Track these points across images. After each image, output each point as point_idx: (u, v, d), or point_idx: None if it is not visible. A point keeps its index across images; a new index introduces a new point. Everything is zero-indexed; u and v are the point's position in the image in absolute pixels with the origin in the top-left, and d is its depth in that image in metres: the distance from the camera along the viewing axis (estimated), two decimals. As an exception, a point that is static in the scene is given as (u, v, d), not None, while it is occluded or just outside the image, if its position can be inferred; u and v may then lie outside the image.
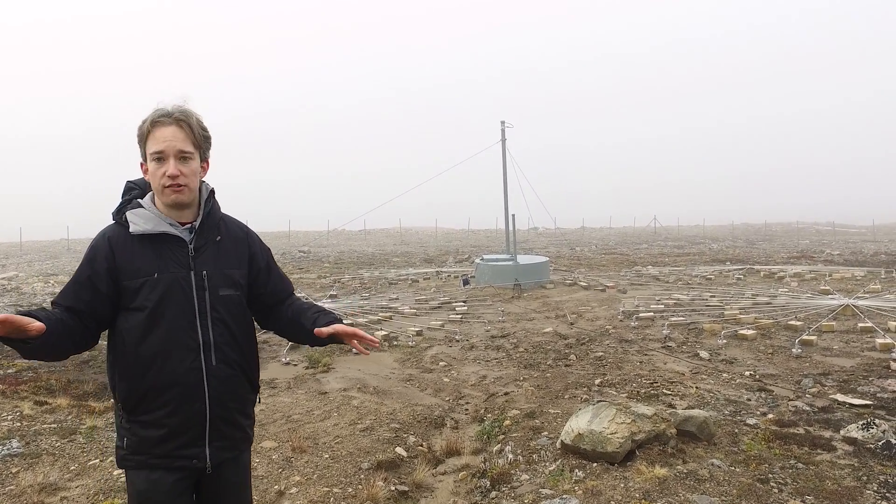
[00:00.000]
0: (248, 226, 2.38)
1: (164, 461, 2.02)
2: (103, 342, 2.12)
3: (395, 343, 8.93)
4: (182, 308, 2.02)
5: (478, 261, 16.18)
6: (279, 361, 7.92)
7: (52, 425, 5.43)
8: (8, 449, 4.74)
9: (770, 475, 3.93)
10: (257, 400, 2.32)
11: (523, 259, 15.90)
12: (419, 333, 9.49)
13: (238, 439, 2.19)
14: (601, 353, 7.78)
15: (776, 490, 3.74)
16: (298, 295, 2.48)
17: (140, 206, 2.06)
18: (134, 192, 2.12)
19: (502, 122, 17.90)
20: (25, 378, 7.08)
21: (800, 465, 4.09)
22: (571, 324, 10.00)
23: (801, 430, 4.82)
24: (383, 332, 9.35)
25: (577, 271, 18.18)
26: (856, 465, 4.12)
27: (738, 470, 4.04)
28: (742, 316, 9.67)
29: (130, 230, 2.02)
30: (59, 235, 42.65)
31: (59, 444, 5.00)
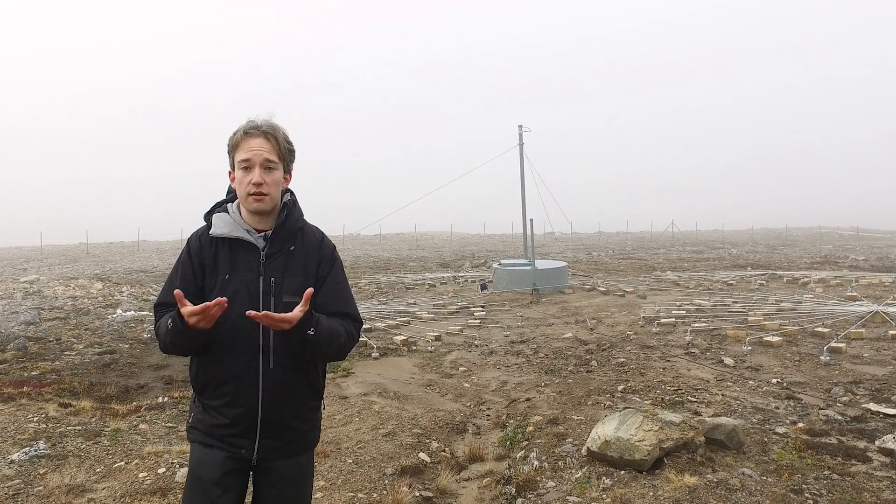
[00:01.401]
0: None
1: (216, 442, 2.16)
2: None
3: (415, 348, 8.90)
4: (246, 310, 2.06)
5: (496, 266, 16.12)
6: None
7: (77, 427, 5.47)
8: (35, 450, 4.77)
9: (804, 486, 3.84)
10: (321, 406, 2.33)
11: (542, 264, 15.80)
12: (438, 338, 9.45)
13: (292, 441, 2.21)
14: (623, 359, 7.69)
15: (811, 501, 3.64)
16: None
17: (226, 210, 2.22)
18: (230, 197, 2.28)
19: (520, 127, 17.86)
20: (49, 380, 7.15)
21: (834, 476, 3.98)
22: (591, 329, 9.90)
23: (834, 440, 4.71)
24: (402, 337, 9.33)
25: (595, 276, 18.05)
26: (894, 477, 4.01)
27: (770, 480, 3.95)
28: (766, 322, 9.51)
29: (210, 232, 2.18)
30: (78, 239, 43.38)
31: (84, 445, 5.03)
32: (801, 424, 5.12)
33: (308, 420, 2.26)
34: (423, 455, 4.87)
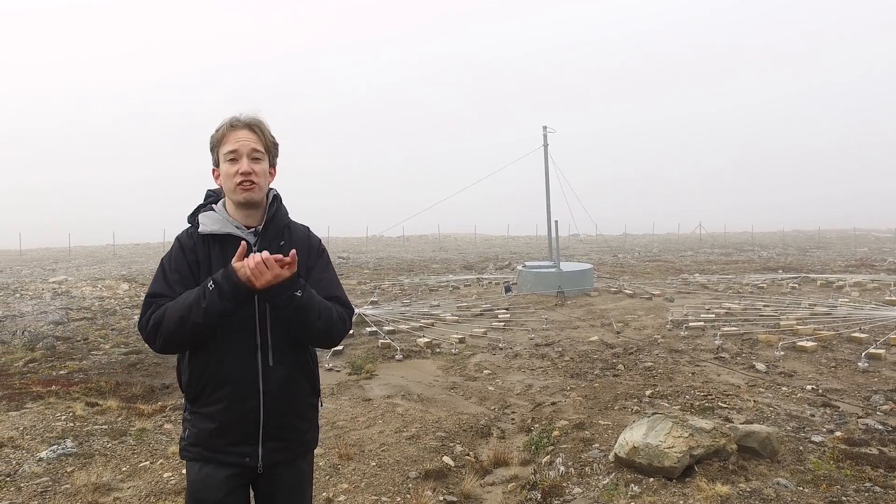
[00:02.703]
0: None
1: (217, 455, 2.08)
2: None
3: (438, 350, 8.84)
4: (243, 308, 2.05)
5: (520, 268, 15.99)
6: (322, 367, 7.92)
7: (104, 426, 5.52)
8: (63, 448, 4.83)
9: (843, 498, 3.68)
10: (319, 405, 2.32)
11: (567, 266, 15.63)
12: (462, 341, 9.38)
13: (294, 442, 2.19)
14: (650, 363, 7.53)
15: (852, 514, 3.49)
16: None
17: (212, 209, 2.18)
18: (210, 199, 2.25)
19: (544, 128, 17.70)
20: (76, 379, 7.26)
21: (877, 488, 3.81)
22: (618, 332, 9.74)
23: (875, 451, 4.51)
24: (426, 339, 9.28)
25: (621, 279, 17.81)
26: (940, 489, 3.82)
27: (806, 491, 3.80)
28: (800, 327, 9.24)
29: (199, 230, 2.13)
30: (105, 241, 44.39)
31: (110, 444, 5.08)
32: (838, 433, 4.93)
33: (308, 419, 2.25)
34: (446, 459, 4.80)
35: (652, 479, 3.96)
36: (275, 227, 2.19)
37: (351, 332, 10.02)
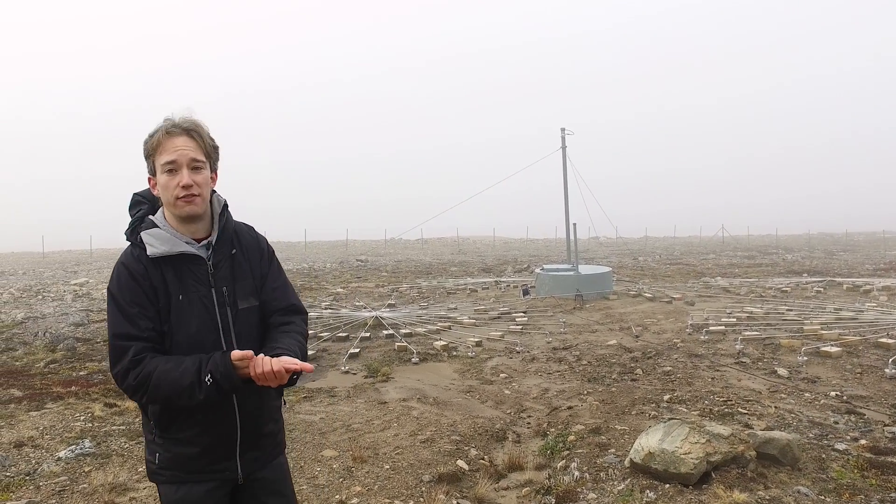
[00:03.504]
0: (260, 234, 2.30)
1: (195, 476, 2.03)
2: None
3: (455, 353, 8.81)
4: (206, 326, 1.99)
5: (538, 271, 15.90)
6: (338, 370, 7.94)
7: (121, 427, 5.60)
8: (81, 448, 4.90)
9: (867, 507, 3.58)
10: (283, 403, 2.29)
11: (585, 269, 15.51)
12: (479, 344, 9.35)
13: (269, 447, 2.18)
14: (669, 368, 7.43)
15: (875, 524, 3.39)
16: (358, 304, 2.34)
17: (154, 224, 2.00)
18: (143, 208, 2.07)
19: (562, 129, 17.61)
20: (96, 381, 7.37)
21: (902, 497, 3.71)
22: (637, 336, 9.63)
23: (901, 459, 4.39)
24: (442, 343, 9.26)
25: (641, 282, 17.62)
26: (968, 499, 3.70)
27: (828, 500, 3.71)
28: (824, 332, 9.04)
29: (148, 253, 1.95)
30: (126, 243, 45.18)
31: (127, 445, 5.14)
32: (863, 441, 4.80)
33: (277, 420, 2.23)
34: (461, 462, 4.78)
35: (668, 486, 3.90)
36: (226, 237, 2.09)
37: (368, 335, 10.04)
